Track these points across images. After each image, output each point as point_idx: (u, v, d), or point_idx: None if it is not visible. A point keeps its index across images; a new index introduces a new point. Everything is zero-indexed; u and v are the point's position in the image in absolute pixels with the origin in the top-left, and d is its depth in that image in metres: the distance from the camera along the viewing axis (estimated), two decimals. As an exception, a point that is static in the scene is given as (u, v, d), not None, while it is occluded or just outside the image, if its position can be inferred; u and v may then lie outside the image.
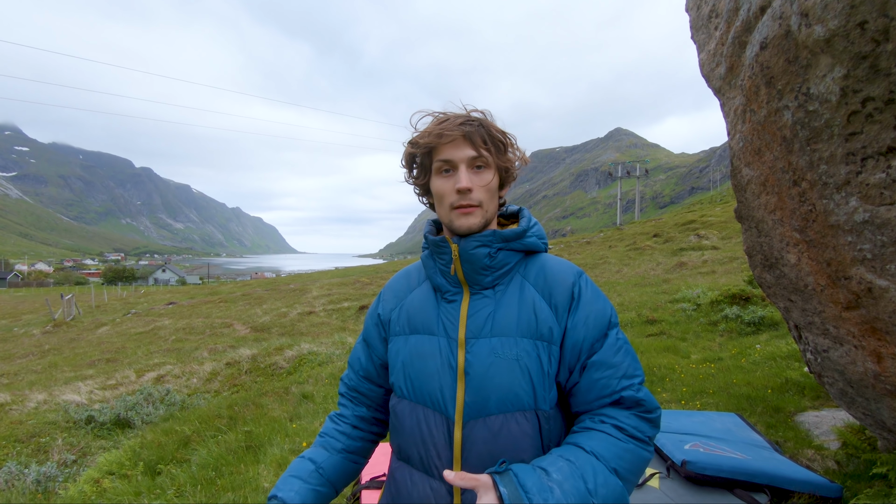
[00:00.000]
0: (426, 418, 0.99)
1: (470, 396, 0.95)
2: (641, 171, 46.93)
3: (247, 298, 23.36)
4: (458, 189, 0.98)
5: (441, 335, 1.02)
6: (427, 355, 1.01)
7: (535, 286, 1.03)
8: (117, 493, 3.49)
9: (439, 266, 1.06)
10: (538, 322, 0.99)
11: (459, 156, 0.99)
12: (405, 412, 1.03)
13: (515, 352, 0.96)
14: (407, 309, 1.10)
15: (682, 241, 20.76)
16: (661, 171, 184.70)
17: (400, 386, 1.05)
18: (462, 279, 1.03)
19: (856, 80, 1.09)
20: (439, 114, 1.04)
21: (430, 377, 1.00)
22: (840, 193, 1.28)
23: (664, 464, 2.37)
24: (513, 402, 0.95)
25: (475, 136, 0.99)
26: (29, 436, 5.41)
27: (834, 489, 2.16)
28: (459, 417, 0.95)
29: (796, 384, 3.81)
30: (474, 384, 0.96)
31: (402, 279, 1.18)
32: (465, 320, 1.01)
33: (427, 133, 1.01)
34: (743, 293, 7.16)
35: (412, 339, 1.06)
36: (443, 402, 0.97)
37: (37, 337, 18.08)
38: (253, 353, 8.62)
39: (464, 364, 0.97)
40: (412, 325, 1.07)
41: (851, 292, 1.46)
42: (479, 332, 0.99)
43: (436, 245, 1.05)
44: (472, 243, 1.00)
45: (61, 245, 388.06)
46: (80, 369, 10.48)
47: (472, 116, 1.02)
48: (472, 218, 0.99)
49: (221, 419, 4.90)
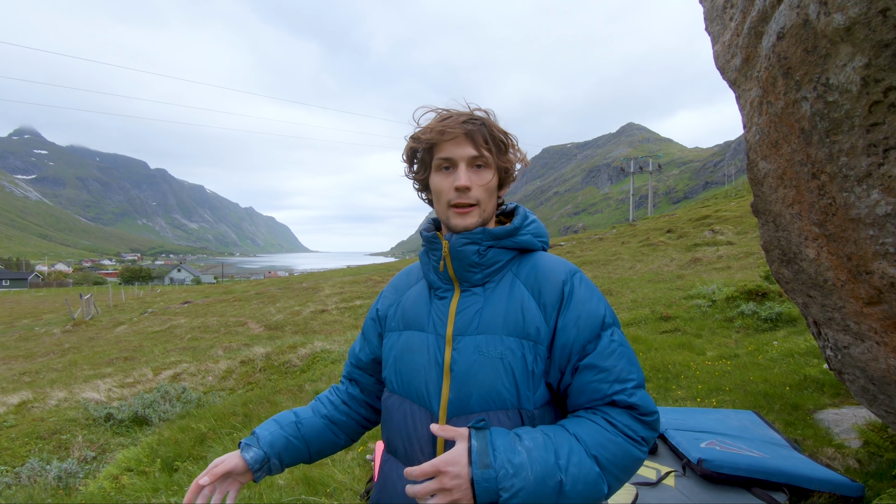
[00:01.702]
0: (412, 413, 1.01)
1: (454, 393, 0.96)
2: (654, 166, 46.37)
3: (260, 297, 23.61)
4: (457, 187, 0.99)
5: (430, 332, 1.03)
6: (416, 351, 1.03)
7: (525, 284, 1.02)
8: (135, 490, 3.55)
9: (432, 262, 1.07)
10: (525, 321, 0.97)
11: (460, 154, 0.99)
12: (394, 406, 1.05)
13: (500, 350, 0.95)
14: (403, 305, 1.12)
15: (696, 236, 20.48)
16: (675, 165, 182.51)
17: (391, 380, 1.07)
18: (452, 276, 1.04)
19: (878, 70, 1.05)
20: (442, 110, 1.04)
21: (417, 373, 1.01)
22: (861, 186, 1.25)
23: (680, 462, 2.35)
24: (495, 401, 0.94)
25: (477, 134, 0.99)
26: (50, 433, 5.53)
27: (855, 488, 2.11)
28: (443, 413, 0.96)
29: (815, 381, 3.74)
30: (458, 381, 0.96)
31: (403, 276, 1.20)
32: (453, 317, 1.01)
33: (429, 129, 1.01)
34: (759, 289, 7.04)
35: (404, 334, 1.07)
36: (427, 397, 0.99)
37: (57, 336, 18.48)
38: (267, 351, 8.71)
39: (450, 361, 0.98)
40: (405, 321, 1.09)
41: (873, 287, 1.42)
42: (466, 329, 0.99)
43: (428, 241, 1.07)
44: (461, 240, 1.01)
45: (80, 246, 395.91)
46: (98, 367, 10.69)
47: (474, 115, 1.02)
48: (468, 217, 1.00)
49: (236, 417, 4.96)
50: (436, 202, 1.06)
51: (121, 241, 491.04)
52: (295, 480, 3.19)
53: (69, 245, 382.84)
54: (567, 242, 29.62)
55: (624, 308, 9.03)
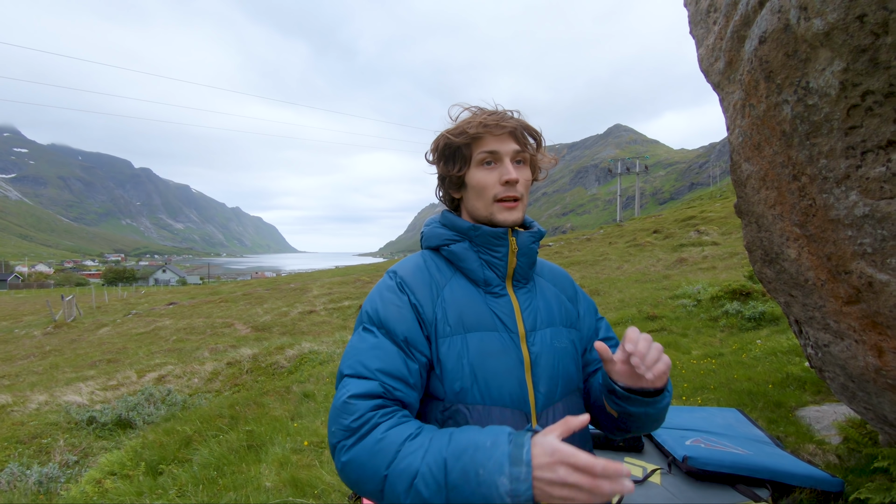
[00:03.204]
0: (502, 420, 0.94)
1: (544, 387, 0.99)
2: (641, 168, 46.85)
3: (247, 298, 23.37)
4: (507, 181, 1.00)
5: (501, 330, 0.99)
6: (496, 353, 0.97)
7: (549, 282, 1.14)
8: (119, 494, 3.49)
9: (489, 258, 1.03)
10: (568, 313, 1.11)
11: (505, 149, 1.01)
12: (482, 419, 0.93)
13: (565, 340, 1.06)
14: (451, 306, 0.99)
15: (682, 237, 20.74)
16: (661, 167, 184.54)
17: (467, 391, 0.94)
18: (509, 273, 1.05)
19: (855, 74, 1.08)
20: (476, 109, 1.05)
21: (505, 375, 0.96)
22: (840, 188, 1.28)
23: (666, 460, 2.37)
24: (570, 385, 1.04)
25: (518, 131, 1.02)
26: (30, 437, 5.42)
27: (835, 483, 2.16)
28: (534, 410, 0.98)
29: (797, 379, 3.81)
30: (545, 374, 1.00)
31: (422, 272, 1.05)
32: (519, 313, 1.03)
33: (478, 123, 1.00)
34: (743, 288, 7.16)
35: (471, 337, 0.97)
36: (522, 397, 0.97)
37: (38, 338, 18.10)
38: (254, 352, 8.63)
39: (529, 356, 1.00)
40: (466, 322, 0.98)
41: (852, 287, 1.46)
42: (535, 324, 1.03)
43: (494, 237, 1.02)
44: (529, 238, 1.05)
45: (61, 246, 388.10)
46: (81, 370, 10.49)
47: (510, 113, 1.05)
48: (515, 212, 1.02)
49: (223, 419, 4.91)
50: (475, 198, 1.03)
51: (104, 241, 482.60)
52: (282, 482, 3.17)
53: (50, 245, 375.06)
54: (555, 243, 29.78)
55: (611, 308, 9.11)
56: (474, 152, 1.02)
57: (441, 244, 1.07)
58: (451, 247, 1.06)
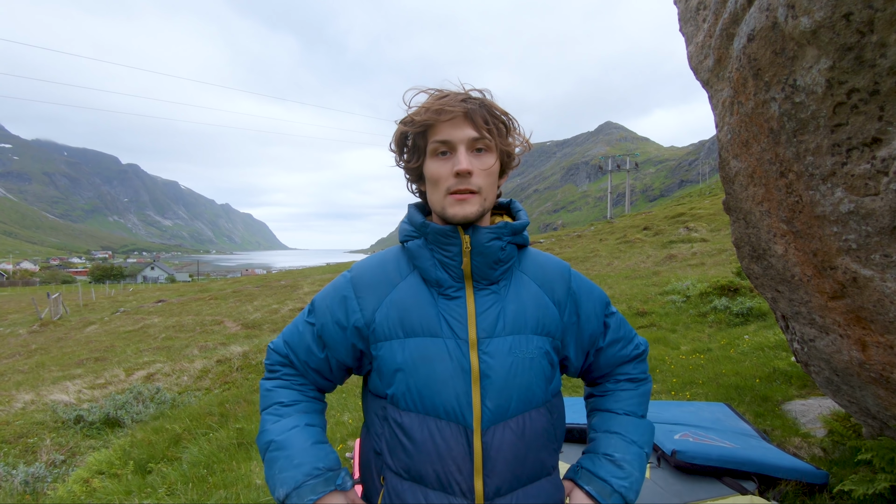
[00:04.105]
0: (440, 430, 0.90)
1: (492, 401, 0.90)
2: (631, 165, 47.13)
3: (237, 295, 23.18)
4: (458, 172, 0.88)
5: (447, 336, 0.92)
6: (435, 360, 0.91)
7: (535, 281, 1.01)
8: (107, 493, 3.46)
9: (441, 258, 0.95)
10: (546, 318, 0.98)
11: (459, 136, 0.89)
12: (412, 427, 0.91)
13: (532, 349, 0.94)
14: (395, 307, 0.96)
15: (671, 233, 20.92)
16: (651, 164, 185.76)
17: (401, 397, 0.92)
18: (468, 273, 0.95)
19: (841, 72, 1.09)
20: (435, 90, 0.94)
21: (441, 384, 0.90)
22: (826, 184, 1.29)
23: (654, 454, 2.40)
24: (531, 401, 0.94)
25: (476, 115, 0.90)
26: (16, 436, 5.34)
27: (820, 475, 2.20)
28: (478, 425, 0.89)
29: (784, 373, 3.86)
30: (496, 387, 0.90)
31: (376, 270, 1.02)
32: (474, 318, 0.93)
33: (425, 109, 0.90)
34: (731, 284, 7.24)
35: (410, 342, 0.93)
36: (459, 410, 0.89)
37: (23, 337, 17.82)
38: (244, 349, 8.57)
39: (479, 366, 0.91)
40: (407, 326, 0.94)
41: (837, 282, 1.48)
42: (493, 330, 0.93)
43: (442, 234, 0.93)
44: (487, 235, 0.93)
45: (47, 243, 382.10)
46: (68, 369, 10.35)
47: (472, 95, 0.93)
48: (467, 206, 0.90)
49: (213, 417, 4.88)
50: (431, 191, 0.94)
51: (91, 238, 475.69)
52: (273, 480, 3.15)
53: (36, 243, 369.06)
54: (546, 240, 29.89)
55: (602, 304, 9.17)
56: (429, 141, 0.92)
57: (403, 240, 1.01)
58: (408, 244, 0.99)
